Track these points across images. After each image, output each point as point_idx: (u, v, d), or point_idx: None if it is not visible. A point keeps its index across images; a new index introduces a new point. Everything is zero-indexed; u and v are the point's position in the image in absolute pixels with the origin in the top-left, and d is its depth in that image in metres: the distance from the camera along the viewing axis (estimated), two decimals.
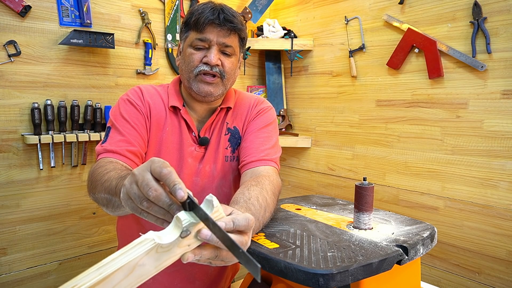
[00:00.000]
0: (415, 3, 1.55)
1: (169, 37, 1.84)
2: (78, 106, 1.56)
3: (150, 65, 1.77)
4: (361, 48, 1.76)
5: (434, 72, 1.49)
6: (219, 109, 1.07)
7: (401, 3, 1.58)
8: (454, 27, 1.44)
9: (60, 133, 1.52)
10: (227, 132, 1.08)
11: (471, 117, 1.42)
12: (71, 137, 1.52)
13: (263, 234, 0.84)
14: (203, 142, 1.06)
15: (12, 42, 1.42)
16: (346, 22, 1.82)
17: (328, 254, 0.72)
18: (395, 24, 1.61)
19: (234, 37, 1.00)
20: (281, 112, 2.11)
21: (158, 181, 0.56)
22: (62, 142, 1.54)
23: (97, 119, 1.61)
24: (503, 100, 1.33)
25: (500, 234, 1.36)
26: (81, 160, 1.62)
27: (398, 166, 1.65)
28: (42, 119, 1.49)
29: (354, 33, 1.79)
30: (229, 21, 0.97)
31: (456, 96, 1.46)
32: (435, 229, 0.88)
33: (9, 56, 1.42)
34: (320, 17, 1.96)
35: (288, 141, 2.03)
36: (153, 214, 0.57)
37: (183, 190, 0.53)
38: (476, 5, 1.36)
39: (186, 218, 0.52)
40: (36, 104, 1.46)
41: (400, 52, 1.59)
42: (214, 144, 1.07)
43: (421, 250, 0.80)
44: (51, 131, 1.50)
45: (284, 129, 2.11)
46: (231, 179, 1.10)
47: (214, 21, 0.96)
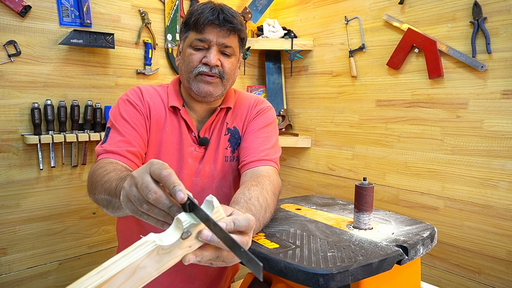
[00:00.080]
0: (415, 3, 1.55)
1: (169, 37, 1.84)
2: (78, 106, 1.56)
3: (150, 65, 1.77)
4: (361, 48, 1.76)
5: (434, 72, 1.49)
6: (219, 109, 1.07)
7: (401, 3, 1.58)
8: (454, 27, 1.44)
9: (60, 133, 1.52)
10: (227, 132, 1.08)
11: (471, 117, 1.42)
12: (71, 137, 1.52)
13: (263, 234, 0.83)
14: (203, 142, 1.06)
15: (12, 42, 1.42)
16: (346, 22, 1.82)
17: (328, 254, 0.72)
18: (395, 24, 1.61)
19: (234, 38, 1.00)
20: (281, 112, 2.11)
21: (158, 183, 0.55)
22: (62, 142, 1.54)
23: (97, 119, 1.61)
24: (503, 100, 1.33)
25: (500, 234, 1.36)
26: (81, 160, 1.62)
27: (398, 166, 1.65)
28: (42, 119, 1.49)
29: (354, 33, 1.79)
30: (229, 22, 0.97)
31: (456, 96, 1.46)
32: (435, 229, 0.88)
33: (9, 56, 1.42)
34: (320, 17, 1.96)
35: (288, 141, 2.03)
36: (153, 216, 0.57)
37: (183, 192, 0.53)
38: (476, 5, 1.36)
39: (187, 219, 0.52)
40: (36, 104, 1.46)
41: (400, 52, 1.59)
42: (214, 144, 1.07)
43: (421, 250, 0.80)
44: (51, 131, 1.50)
45: (284, 129, 2.11)
46: (231, 179, 1.10)
47: (214, 22, 0.95)
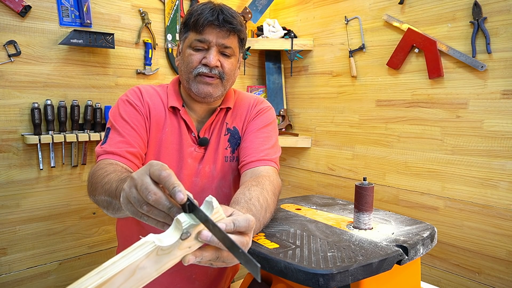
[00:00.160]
0: (415, 3, 1.55)
1: (169, 37, 1.84)
2: (78, 106, 1.56)
3: (150, 65, 1.77)
4: (361, 48, 1.76)
5: (434, 72, 1.49)
6: (219, 110, 1.07)
7: (401, 3, 1.58)
8: (454, 27, 1.44)
9: (60, 133, 1.52)
10: (227, 133, 1.08)
11: (471, 117, 1.42)
12: (71, 137, 1.52)
13: (263, 234, 0.83)
14: (203, 143, 1.06)
15: (12, 42, 1.42)
16: (346, 22, 1.82)
17: (328, 254, 0.72)
18: (395, 24, 1.61)
19: (234, 38, 1.00)
20: (281, 112, 2.11)
21: (158, 184, 0.55)
22: (62, 142, 1.54)
23: (97, 119, 1.61)
24: (503, 100, 1.33)
25: (500, 234, 1.36)
26: (81, 160, 1.62)
27: (398, 166, 1.65)
28: (42, 119, 1.49)
29: (354, 33, 1.79)
30: (228, 22, 0.96)
31: (456, 96, 1.46)
32: (435, 229, 0.88)
33: (9, 56, 1.42)
34: (320, 17, 1.96)
35: (288, 141, 2.03)
36: (153, 218, 0.57)
37: (183, 193, 0.53)
38: (476, 5, 1.36)
39: (186, 220, 0.52)
40: (36, 104, 1.46)
41: (400, 52, 1.59)
42: (214, 145, 1.07)
43: (421, 250, 0.80)
44: (51, 131, 1.50)
45: (284, 129, 2.11)
46: (231, 180, 1.10)
47: (213, 22, 0.95)
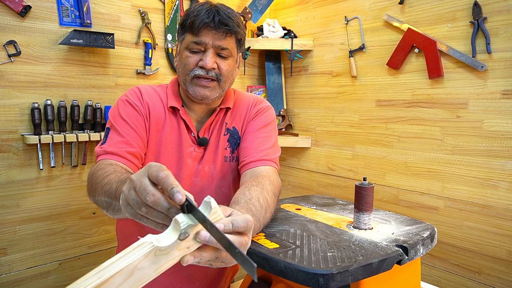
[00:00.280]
0: (415, 3, 1.55)
1: (169, 37, 1.84)
2: (78, 106, 1.56)
3: (150, 65, 1.77)
4: (361, 48, 1.76)
5: (434, 72, 1.49)
6: (218, 110, 1.07)
7: (401, 3, 1.58)
8: (454, 27, 1.44)
9: (60, 133, 1.52)
10: (226, 133, 1.08)
11: (471, 117, 1.42)
12: (71, 137, 1.52)
13: (263, 234, 0.83)
14: (202, 143, 1.06)
15: (12, 42, 1.42)
16: (346, 22, 1.82)
17: (328, 254, 0.72)
18: (395, 24, 1.61)
19: (231, 39, 0.99)
20: (281, 112, 2.11)
21: (156, 186, 0.55)
22: (62, 142, 1.54)
23: (97, 119, 1.61)
24: (503, 100, 1.33)
25: (500, 234, 1.36)
26: (81, 160, 1.62)
27: (398, 166, 1.65)
28: (42, 119, 1.49)
29: (354, 33, 1.79)
30: (224, 24, 0.95)
31: (456, 96, 1.46)
32: (435, 229, 0.88)
33: (9, 56, 1.42)
34: (320, 17, 1.96)
35: (288, 141, 2.03)
36: (153, 219, 0.57)
37: (181, 193, 0.53)
38: (476, 5, 1.36)
39: (184, 221, 0.52)
40: (36, 104, 1.46)
41: (400, 52, 1.59)
42: (213, 145, 1.07)
43: (421, 250, 0.80)
44: (51, 131, 1.50)
45: (284, 129, 2.11)
46: (231, 180, 1.10)
47: (209, 24, 0.94)
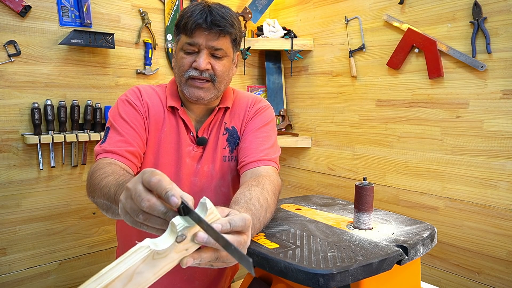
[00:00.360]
0: (415, 3, 1.55)
1: (169, 37, 1.84)
2: (78, 106, 1.56)
3: (150, 65, 1.77)
4: (361, 48, 1.76)
5: (434, 72, 1.49)
6: (217, 109, 1.07)
7: (401, 3, 1.58)
8: (454, 27, 1.44)
9: (60, 133, 1.52)
10: (225, 132, 1.08)
11: (471, 117, 1.42)
12: (71, 137, 1.52)
13: (263, 234, 0.83)
14: (201, 142, 1.06)
15: (12, 42, 1.42)
16: (346, 22, 1.82)
17: (328, 254, 0.72)
18: (395, 24, 1.61)
19: (225, 39, 0.97)
20: (281, 112, 2.11)
21: (152, 191, 0.55)
22: (62, 142, 1.54)
23: (97, 119, 1.61)
24: (503, 100, 1.33)
25: (500, 234, 1.36)
26: (81, 160, 1.62)
27: (398, 166, 1.65)
28: (42, 119, 1.49)
29: (354, 33, 1.79)
30: (217, 24, 0.94)
31: (456, 96, 1.46)
32: (435, 229, 0.88)
33: (9, 56, 1.42)
34: (320, 17, 1.96)
35: (288, 141, 2.03)
36: (152, 226, 0.56)
37: (176, 196, 0.53)
38: (476, 5, 1.36)
39: (181, 223, 0.52)
40: (36, 104, 1.46)
41: (400, 52, 1.59)
42: (212, 144, 1.07)
43: (421, 250, 0.80)
44: (51, 131, 1.50)
45: (284, 129, 2.11)
46: (230, 179, 1.10)
47: (202, 25, 0.93)
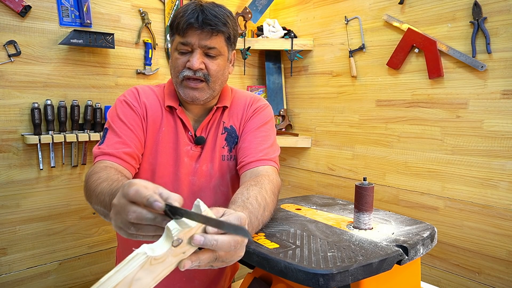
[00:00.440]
0: (415, 3, 1.55)
1: (169, 37, 1.83)
2: (78, 106, 1.56)
3: (150, 65, 1.77)
4: (361, 48, 1.76)
5: (434, 72, 1.49)
6: (215, 108, 1.07)
7: (401, 3, 1.58)
8: (454, 27, 1.44)
9: (60, 133, 1.52)
10: (224, 131, 1.08)
11: (471, 117, 1.42)
12: (71, 137, 1.52)
13: (263, 234, 0.84)
14: (199, 142, 1.05)
15: (12, 42, 1.42)
16: (346, 22, 1.82)
17: (328, 254, 0.72)
18: (395, 24, 1.61)
19: (218, 38, 0.96)
20: (281, 112, 2.11)
21: (136, 202, 0.56)
22: (62, 142, 1.54)
23: (97, 119, 1.61)
24: (503, 100, 1.33)
25: (500, 234, 1.36)
26: (81, 160, 1.62)
27: (398, 166, 1.65)
28: (42, 119, 1.49)
29: (354, 33, 1.79)
30: (209, 24, 0.93)
31: (456, 96, 1.46)
32: (435, 229, 0.88)
33: (9, 56, 1.42)
34: (320, 17, 1.96)
35: (288, 141, 2.03)
36: (146, 234, 0.57)
37: (158, 200, 0.53)
38: (476, 5, 1.36)
39: (176, 227, 0.52)
40: (36, 104, 1.46)
41: (400, 52, 1.59)
42: (211, 144, 1.07)
43: (421, 250, 0.80)
44: (51, 131, 1.50)
45: (284, 129, 2.11)
46: (229, 179, 1.10)
47: (194, 25, 0.93)
